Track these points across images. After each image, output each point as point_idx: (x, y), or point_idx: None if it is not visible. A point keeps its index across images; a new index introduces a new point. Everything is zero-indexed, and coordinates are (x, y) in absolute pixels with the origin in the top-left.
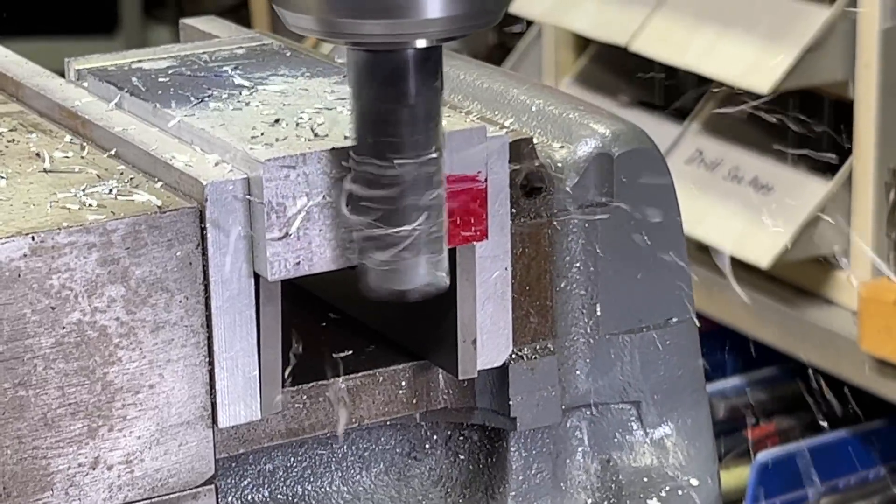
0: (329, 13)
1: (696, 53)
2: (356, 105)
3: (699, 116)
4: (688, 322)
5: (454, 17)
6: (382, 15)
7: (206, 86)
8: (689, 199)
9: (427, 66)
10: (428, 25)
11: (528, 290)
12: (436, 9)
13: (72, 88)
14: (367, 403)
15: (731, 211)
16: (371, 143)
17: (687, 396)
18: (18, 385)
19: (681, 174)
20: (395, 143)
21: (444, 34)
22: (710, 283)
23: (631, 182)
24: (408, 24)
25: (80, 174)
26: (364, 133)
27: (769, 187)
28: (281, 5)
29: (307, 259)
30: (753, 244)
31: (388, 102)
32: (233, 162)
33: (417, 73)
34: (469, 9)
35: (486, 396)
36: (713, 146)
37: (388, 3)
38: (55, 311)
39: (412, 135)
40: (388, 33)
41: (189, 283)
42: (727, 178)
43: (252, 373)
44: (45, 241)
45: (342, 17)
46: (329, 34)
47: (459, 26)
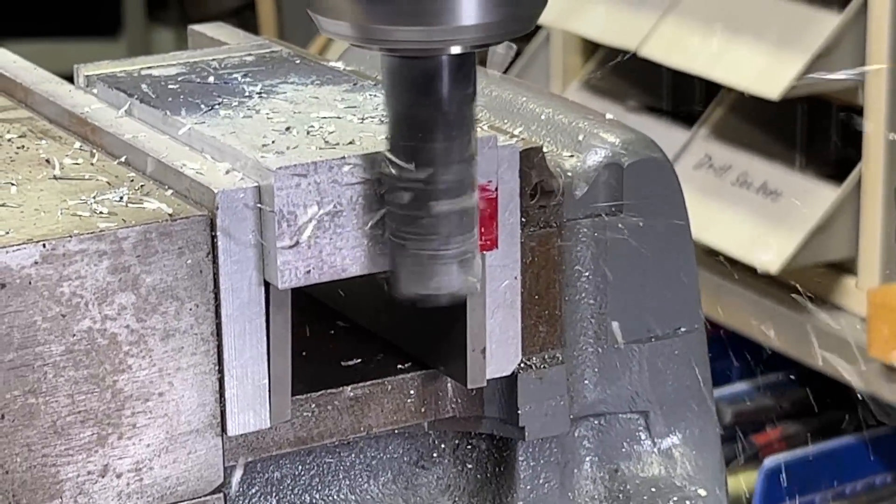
0: (365, 19)
1: (706, 59)
2: (390, 110)
3: (708, 122)
4: (696, 332)
5: (488, 24)
6: (417, 21)
7: (215, 93)
8: (698, 204)
9: (461, 73)
10: (462, 32)
11: (537, 299)
12: (470, 16)
13: (81, 95)
14: (376, 412)
15: (740, 216)
16: (404, 148)
17: (695, 406)
18: (28, 392)
19: (689, 179)
20: (428, 149)
21: (478, 41)
22: (718, 287)
23: (640, 191)
24: (442, 31)
25: (91, 181)
26: (398, 138)
27: (778, 193)
28: (316, 11)
29: (318, 268)
30: (762, 250)
31: (422, 108)
32: (243, 170)
33: (451, 79)
34: (503, 16)
35: (495, 405)
36: (722, 152)
37: (424, 9)
38: (66, 319)
39: (446, 140)
40: (423, 40)
41: (199, 291)
42: (735, 183)
43: (262, 381)
44: (56, 248)
45: (378, 24)
46: (364, 40)
47: (494, 33)
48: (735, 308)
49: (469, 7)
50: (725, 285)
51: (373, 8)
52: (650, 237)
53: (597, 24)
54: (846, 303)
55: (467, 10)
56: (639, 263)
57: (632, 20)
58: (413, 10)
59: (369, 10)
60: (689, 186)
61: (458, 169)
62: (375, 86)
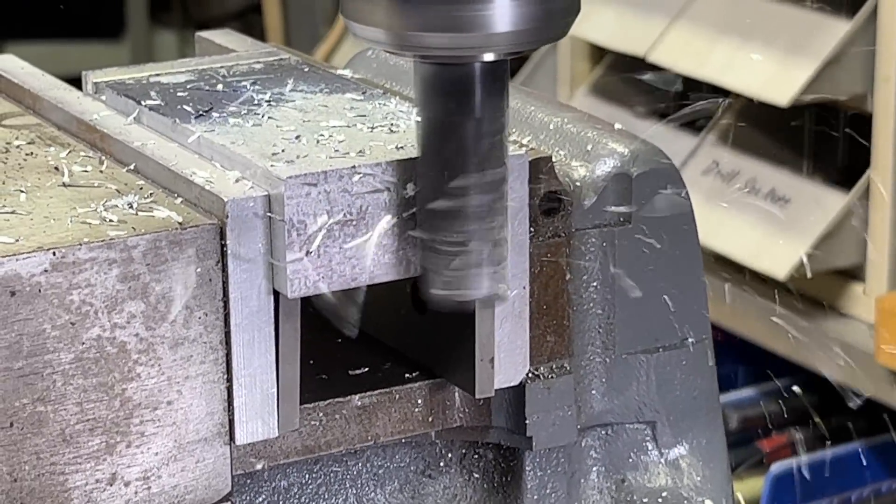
0: (399, 26)
1: (715, 65)
2: (422, 117)
3: (716, 128)
4: (704, 342)
5: (522, 31)
6: (451, 28)
7: (224, 101)
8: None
9: (494, 80)
10: (496, 39)
11: (546, 309)
12: (504, 23)
13: (89, 102)
14: (383, 421)
15: (748, 222)
16: (436, 154)
17: (702, 417)
18: (37, 400)
19: (697, 185)
20: (460, 156)
21: (511, 48)
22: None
23: (649, 202)
24: (476, 38)
25: (100, 189)
26: (430, 145)
27: (786, 199)
28: (350, 17)
29: (327, 277)
30: (770, 256)
31: (454, 115)
32: (253, 179)
33: (484, 86)
34: (537, 23)
35: (502, 415)
36: (730, 158)
37: (458, 16)
38: (75, 327)
39: (477, 147)
40: (457, 46)
41: (208, 300)
42: (744, 189)
43: (270, 390)
44: (66, 256)
45: (412, 31)
46: (398, 46)
47: (527, 40)
48: (742, 314)
49: (503, 14)
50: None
51: (407, 14)
52: (658, 247)
53: (605, 29)
54: (854, 309)
55: (501, 17)
56: (647, 273)
57: (640, 26)
58: (447, 17)
59: (403, 16)
60: (697, 192)
61: (490, 175)
62: (384, 94)
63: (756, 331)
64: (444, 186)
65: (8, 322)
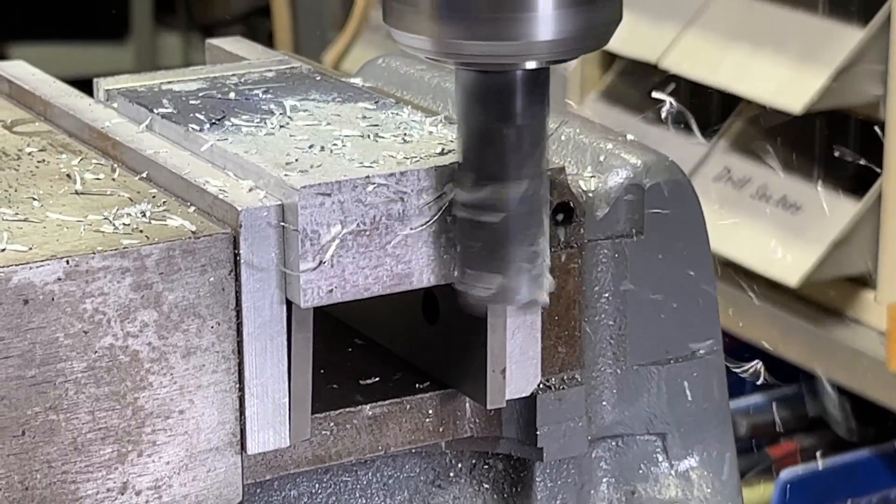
0: (442, 34)
1: (728, 72)
2: (463, 124)
3: (727, 134)
4: (715, 354)
5: (564, 39)
6: (494, 36)
7: (237, 109)
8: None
9: (535, 88)
10: (538, 48)
11: (557, 320)
12: (547, 31)
13: (101, 109)
14: (394, 431)
15: (759, 229)
16: (477, 162)
17: (713, 429)
18: (49, 409)
19: (708, 191)
20: (500, 163)
21: (553, 56)
22: (735, 300)
23: (661, 213)
24: (519, 46)
25: (112, 197)
26: (470, 152)
27: (797, 206)
28: (392, 24)
29: (340, 287)
30: (782, 263)
31: (495, 123)
32: (266, 188)
33: (525, 93)
34: (579, 32)
35: (513, 426)
36: (741, 164)
37: (501, 24)
38: (88, 336)
39: (518, 155)
40: (499, 54)
41: (221, 309)
42: (755, 196)
43: (282, 399)
44: (79, 265)
45: (455, 38)
46: (441, 54)
47: (569, 48)
48: (752, 320)
49: (545, 23)
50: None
51: (450, 22)
52: (670, 259)
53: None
54: (865, 317)
55: (544, 25)
56: (659, 285)
57: (653, 32)
58: (490, 25)
59: (447, 24)
60: (708, 199)
61: (530, 182)
62: (397, 104)
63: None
64: (486, 193)
65: (21, 330)
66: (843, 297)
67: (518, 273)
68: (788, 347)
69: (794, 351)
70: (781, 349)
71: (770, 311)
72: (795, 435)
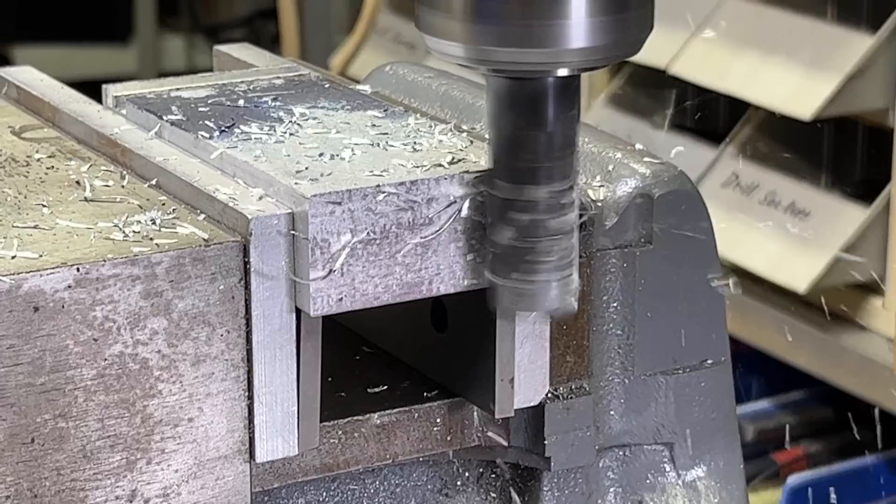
0: (475, 41)
1: (737, 78)
2: (494, 130)
3: (735, 140)
4: (723, 364)
5: (597, 47)
6: (527, 44)
7: (246, 116)
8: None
9: (566, 94)
10: (571, 55)
11: (566, 329)
12: (579, 39)
13: (110, 115)
14: (402, 440)
15: (768, 235)
16: (508, 167)
17: (720, 439)
18: (59, 416)
19: (716, 197)
20: (531, 169)
21: (585, 64)
22: (743, 306)
23: (670, 223)
24: (551, 54)
25: (122, 204)
26: (501, 158)
27: (806, 213)
28: (425, 31)
29: (350, 295)
30: (790, 269)
31: (526, 129)
32: (276, 196)
33: (556, 100)
34: (611, 40)
35: (521, 435)
36: (749, 170)
37: (534, 32)
38: (97, 343)
39: (548, 161)
40: (532, 62)
41: (231, 317)
42: (763, 202)
43: (291, 408)
44: (89, 272)
45: (488, 45)
46: (473, 61)
47: (601, 56)
48: (759, 325)
49: (578, 31)
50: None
51: (484, 30)
52: (679, 269)
53: None
54: (873, 323)
55: (576, 33)
56: (667, 295)
57: (662, 37)
58: (523, 33)
59: (480, 31)
60: (717, 204)
61: (560, 188)
62: (406, 112)
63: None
64: (515, 199)
65: (31, 338)
66: (852, 303)
67: (548, 279)
68: (796, 354)
69: (802, 357)
70: (789, 355)
71: (778, 316)
72: (802, 441)
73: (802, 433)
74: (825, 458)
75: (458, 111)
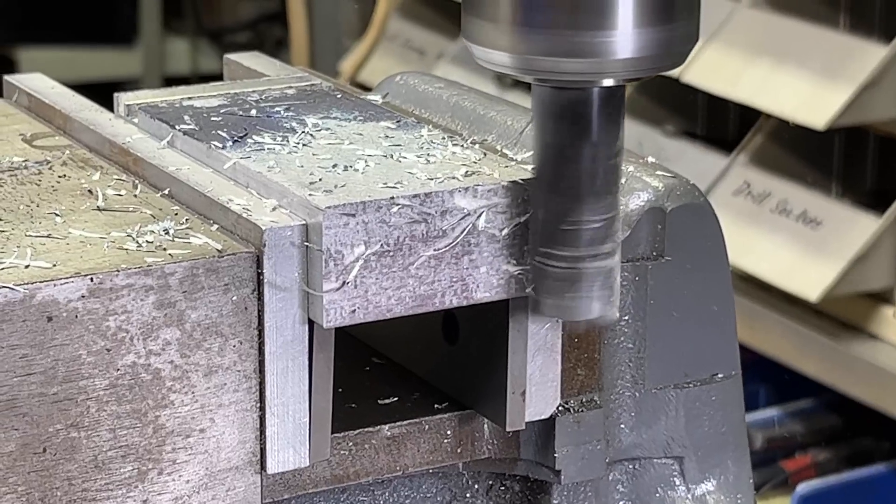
0: (520, 50)
1: (749, 87)
2: (539, 140)
3: (747, 148)
4: (733, 378)
5: (642, 58)
6: (573, 53)
7: (258, 126)
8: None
9: (611, 104)
10: (617, 66)
11: (577, 342)
12: (626, 49)
13: (121, 124)
14: (412, 451)
15: (779, 243)
16: (552, 177)
17: (730, 453)
18: (71, 426)
19: (728, 205)
20: (576, 178)
21: (630, 74)
22: (753, 314)
23: (682, 237)
24: (597, 64)
25: (135, 213)
26: (545, 168)
27: (818, 222)
28: (471, 40)
29: (363, 307)
30: (802, 277)
31: (571, 138)
32: (290, 207)
33: (601, 110)
34: (657, 50)
35: (531, 448)
36: (761, 179)
37: (581, 42)
38: (110, 353)
39: (592, 171)
40: (578, 72)
41: (244, 328)
42: (775, 210)
43: (302, 419)
44: (103, 282)
45: (533, 54)
46: (519, 70)
47: (647, 67)
48: (768, 333)
49: (624, 41)
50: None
51: (529, 38)
52: (690, 283)
53: None
54: (884, 332)
55: (623, 44)
56: (678, 309)
57: None
58: (569, 42)
59: (525, 40)
60: (728, 212)
61: (604, 198)
62: (418, 124)
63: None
64: (560, 209)
65: (44, 347)
66: (863, 312)
67: (591, 288)
68: (807, 362)
69: (812, 365)
70: (799, 363)
71: (788, 325)
72: (810, 449)
73: (811, 441)
74: (834, 467)
75: (469, 122)
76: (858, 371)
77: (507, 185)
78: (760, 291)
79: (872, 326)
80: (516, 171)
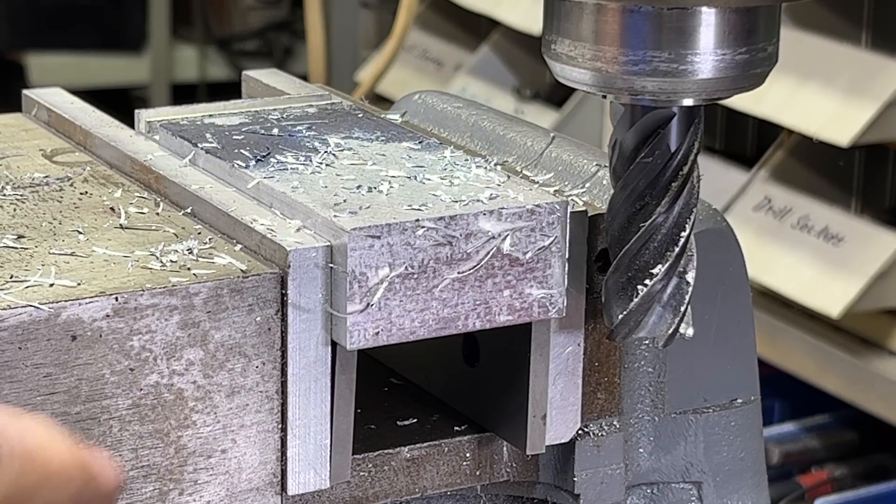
0: (602, 68)
1: (774, 103)
2: (616, 156)
3: (768, 164)
4: (753, 403)
5: (723, 79)
6: (654, 73)
7: (281, 146)
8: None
9: (688, 124)
10: (697, 86)
11: (598, 366)
12: (707, 70)
13: (142, 141)
14: (431, 474)
15: (800, 259)
16: (628, 194)
17: (748, 478)
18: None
19: (748, 221)
20: (651, 195)
21: (710, 94)
22: (773, 329)
23: (703, 261)
24: (679, 84)
25: (158, 232)
26: (623, 184)
27: (840, 238)
28: (552, 58)
29: (386, 329)
30: (823, 294)
31: (648, 156)
32: (314, 228)
33: (679, 129)
34: (738, 72)
35: (550, 471)
36: (782, 194)
37: (661, 62)
38: (134, 373)
39: (668, 188)
40: (659, 90)
41: (267, 349)
42: (796, 226)
43: (324, 441)
44: (128, 302)
45: (614, 73)
46: (601, 88)
47: (727, 88)
48: (788, 349)
49: (705, 62)
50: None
51: (610, 58)
52: (711, 307)
53: None
54: None
55: (705, 65)
56: (698, 333)
57: None
58: (651, 63)
59: (606, 59)
60: (749, 228)
61: (679, 215)
62: (441, 144)
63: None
64: (636, 225)
65: (68, 366)
66: (884, 329)
67: (661, 304)
68: (827, 378)
69: (832, 382)
70: (820, 379)
71: (809, 341)
72: (827, 464)
73: (828, 457)
74: (850, 482)
75: (489, 142)
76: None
77: (532, 208)
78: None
79: (893, 343)
80: (540, 195)
